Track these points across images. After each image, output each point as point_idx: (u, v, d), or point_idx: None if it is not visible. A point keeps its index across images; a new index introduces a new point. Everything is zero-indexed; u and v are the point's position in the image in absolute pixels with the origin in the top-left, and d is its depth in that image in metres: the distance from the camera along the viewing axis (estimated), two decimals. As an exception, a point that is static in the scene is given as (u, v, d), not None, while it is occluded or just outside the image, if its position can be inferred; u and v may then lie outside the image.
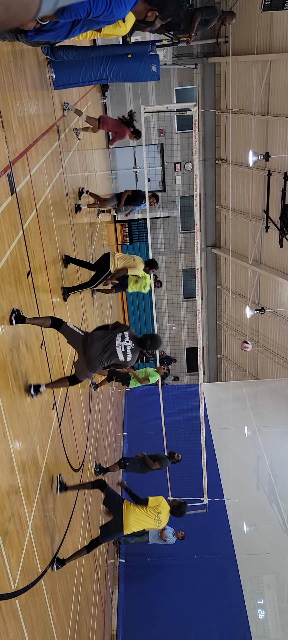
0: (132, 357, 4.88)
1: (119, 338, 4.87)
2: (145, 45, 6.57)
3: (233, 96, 16.23)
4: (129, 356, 4.85)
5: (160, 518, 6.71)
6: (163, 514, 6.71)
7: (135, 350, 4.90)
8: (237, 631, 9.51)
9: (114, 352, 4.81)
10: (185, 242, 19.65)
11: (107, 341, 4.84)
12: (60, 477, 5.46)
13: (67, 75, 6.09)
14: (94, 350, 4.75)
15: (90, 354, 4.76)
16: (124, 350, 4.83)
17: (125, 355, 4.84)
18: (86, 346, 4.78)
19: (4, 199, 3.98)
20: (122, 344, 4.84)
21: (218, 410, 15.60)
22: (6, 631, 3.48)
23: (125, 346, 4.84)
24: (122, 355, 4.83)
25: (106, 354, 4.80)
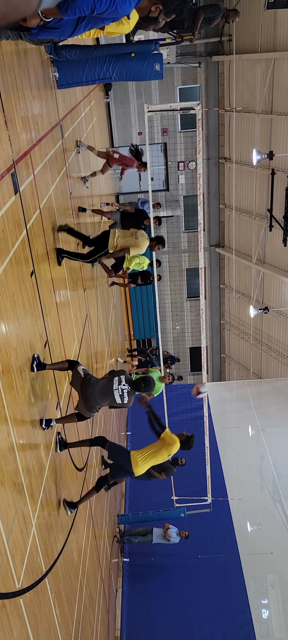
0: (128, 400, 5.18)
1: (116, 382, 5.16)
2: (149, 44, 6.56)
3: (236, 95, 16.19)
4: (125, 399, 5.16)
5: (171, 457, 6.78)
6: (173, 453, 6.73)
7: (131, 393, 5.20)
8: (241, 630, 9.50)
9: (111, 395, 5.13)
10: (188, 241, 19.63)
11: (104, 384, 5.15)
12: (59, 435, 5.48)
13: (71, 75, 6.09)
14: (90, 393, 5.09)
15: (87, 395, 5.09)
16: (121, 393, 5.14)
17: (122, 398, 5.15)
18: (83, 387, 5.12)
19: (8, 199, 3.98)
20: (119, 388, 5.15)
21: (222, 409, 15.58)
22: (10, 630, 3.49)
23: (122, 389, 5.15)
24: (119, 398, 5.14)
25: (103, 396, 5.14)
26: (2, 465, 3.53)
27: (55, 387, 5.42)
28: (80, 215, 8.25)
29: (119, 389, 5.14)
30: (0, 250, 3.77)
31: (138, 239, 7.43)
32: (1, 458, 3.51)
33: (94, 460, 8.35)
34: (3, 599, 3.40)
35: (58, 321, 5.82)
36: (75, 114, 8.18)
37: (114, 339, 13.64)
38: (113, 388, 5.13)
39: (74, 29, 3.11)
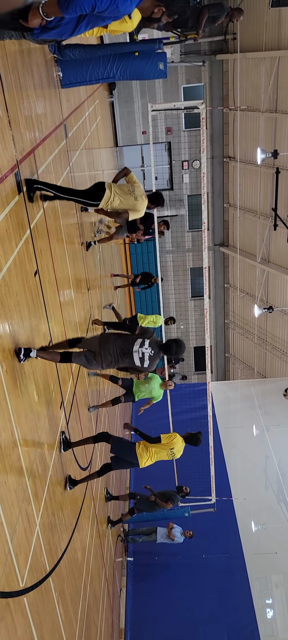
0: (150, 364, 4.83)
1: (137, 343, 4.82)
2: (153, 43, 6.54)
3: (241, 93, 16.14)
4: (146, 362, 4.81)
5: (174, 452, 6.78)
6: (176, 448, 6.77)
7: (154, 357, 4.85)
8: (245, 630, 9.48)
9: (129, 355, 4.79)
10: (192, 240, 19.60)
11: (125, 342, 4.81)
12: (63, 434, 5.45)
13: (75, 74, 6.09)
14: (110, 349, 4.75)
15: (106, 351, 4.75)
16: (141, 356, 4.80)
17: (142, 361, 4.80)
18: (102, 343, 4.78)
19: (12, 198, 3.99)
20: (139, 350, 4.80)
21: (226, 409, 15.55)
22: (14, 629, 3.50)
23: (143, 352, 4.80)
24: (138, 361, 4.80)
25: (121, 353, 4.79)
26: (6, 465, 3.54)
27: (59, 386, 5.43)
28: (83, 214, 8.26)
29: (139, 352, 4.76)
30: (4, 249, 3.77)
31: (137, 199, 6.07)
32: (5, 457, 3.52)
33: (98, 459, 8.36)
34: (7, 597, 3.40)
35: (62, 321, 5.82)
36: (79, 114, 8.19)
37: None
38: (132, 349, 4.77)
39: (74, 27, 3.12)
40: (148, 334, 4.91)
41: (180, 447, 6.86)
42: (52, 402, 5.08)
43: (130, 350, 4.77)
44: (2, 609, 3.30)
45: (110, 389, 10.96)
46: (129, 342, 4.81)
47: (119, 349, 4.77)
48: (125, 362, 4.82)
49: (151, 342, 4.85)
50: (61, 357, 4.74)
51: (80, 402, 6.85)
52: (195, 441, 6.97)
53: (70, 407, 6.06)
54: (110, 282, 12.37)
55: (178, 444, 6.81)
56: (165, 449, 6.75)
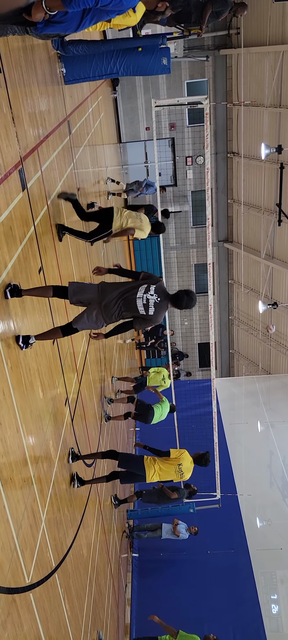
0: (155, 312, 4.29)
1: (142, 289, 4.28)
2: (156, 38, 6.53)
3: (245, 88, 16.06)
4: (151, 309, 4.26)
5: (182, 469, 6.73)
6: (184, 466, 6.72)
7: (161, 306, 4.31)
8: (251, 625, 9.48)
9: (133, 304, 4.26)
10: (196, 236, 19.56)
11: (127, 289, 4.30)
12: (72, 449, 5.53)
13: (78, 70, 6.08)
14: (112, 294, 4.25)
15: (107, 300, 4.24)
16: (145, 302, 4.25)
17: (147, 308, 4.26)
18: (104, 291, 4.29)
19: (16, 195, 3.99)
20: (143, 296, 4.26)
21: (230, 405, 15.53)
22: (21, 624, 3.51)
23: (148, 299, 4.24)
24: (142, 308, 4.26)
25: (123, 301, 4.27)
26: (12, 461, 3.55)
27: (63, 382, 5.43)
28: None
29: (143, 298, 4.23)
30: (9, 246, 3.78)
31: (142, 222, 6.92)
32: (10, 454, 3.53)
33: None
34: (13, 593, 3.42)
35: (66, 318, 5.83)
36: (83, 110, 8.17)
37: (122, 336, 13.66)
38: (136, 296, 4.24)
39: (79, 22, 3.11)
40: (154, 279, 4.42)
41: (188, 466, 6.80)
42: (57, 399, 5.09)
43: (133, 297, 4.26)
44: (9, 604, 3.31)
45: (115, 385, 10.97)
46: (132, 288, 4.32)
47: (121, 297, 4.26)
48: (128, 312, 4.33)
49: (157, 288, 4.33)
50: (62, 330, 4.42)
51: (84, 399, 6.86)
52: (204, 462, 6.97)
53: (75, 404, 6.07)
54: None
55: (187, 462, 6.76)
56: (173, 464, 6.71)
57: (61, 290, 4.33)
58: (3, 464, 3.37)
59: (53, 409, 4.87)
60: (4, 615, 3.20)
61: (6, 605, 3.26)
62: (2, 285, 3.60)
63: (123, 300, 4.26)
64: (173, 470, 6.69)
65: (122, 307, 4.29)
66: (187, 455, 6.77)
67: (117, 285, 4.34)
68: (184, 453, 6.80)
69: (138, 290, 4.29)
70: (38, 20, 2.91)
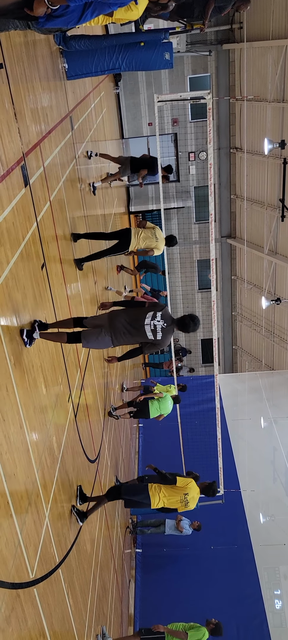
0: (163, 337, 4.59)
1: (149, 316, 4.59)
2: (158, 33, 6.50)
3: (248, 83, 15.98)
4: (158, 335, 4.56)
5: (188, 499, 6.56)
6: (190, 495, 6.55)
7: (167, 331, 4.62)
8: (254, 621, 9.49)
9: (141, 330, 4.56)
10: (199, 232, 19.51)
11: (136, 316, 4.61)
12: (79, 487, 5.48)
13: (80, 65, 6.07)
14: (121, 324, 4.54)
15: (117, 326, 4.54)
16: (152, 328, 4.56)
17: (155, 333, 4.56)
18: (112, 319, 4.58)
19: (18, 191, 3.98)
20: (151, 323, 4.56)
21: (233, 401, 15.52)
22: (25, 619, 3.53)
23: (155, 325, 4.55)
24: (150, 334, 4.56)
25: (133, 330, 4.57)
26: (15, 457, 3.55)
27: (66, 379, 5.44)
28: (90, 207, 8.23)
29: (151, 324, 4.53)
30: (11, 243, 3.77)
31: (158, 240, 7.56)
32: (14, 450, 3.54)
33: (106, 451, 8.39)
34: (17, 588, 3.43)
35: (69, 314, 5.83)
36: (85, 106, 8.15)
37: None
38: (144, 323, 4.54)
39: (80, 15, 3.09)
40: (160, 306, 4.69)
41: (195, 496, 6.59)
42: (60, 395, 5.09)
43: (141, 324, 4.55)
44: (13, 599, 3.32)
45: (118, 379, 10.98)
46: (139, 315, 4.59)
47: (130, 323, 4.54)
48: (137, 337, 4.60)
49: (163, 314, 4.63)
50: (68, 337, 4.53)
51: (87, 395, 6.87)
52: (212, 492, 6.81)
53: (78, 400, 6.08)
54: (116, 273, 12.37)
55: (193, 492, 6.55)
56: (179, 492, 6.49)
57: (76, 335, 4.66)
58: (6, 460, 3.38)
59: (56, 405, 4.88)
60: (8, 610, 3.21)
61: (10, 600, 3.28)
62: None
63: (132, 327, 4.53)
64: (179, 499, 6.50)
65: (132, 333, 4.56)
66: (193, 485, 6.59)
67: (126, 312, 4.65)
68: (191, 483, 6.62)
69: (146, 317, 4.57)
70: (40, 14, 2.90)
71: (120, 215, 14.32)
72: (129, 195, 18.55)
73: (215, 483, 6.94)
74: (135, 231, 7.30)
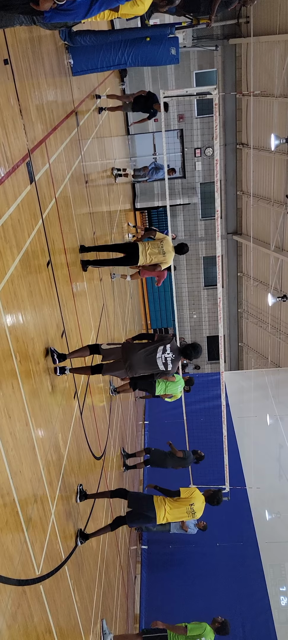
0: (172, 367, 5.30)
1: (160, 350, 5.25)
2: (164, 28, 6.46)
3: (254, 78, 15.87)
4: (169, 366, 5.27)
5: (194, 509, 6.49)
6: (196, 505, 6.48)
7: (176, 360, 5.33)
8: (260, 617, 9.48)
9: (154, 363, 5.23)
10: (205, 229, 19.44)
11: (149, 351, 5.25)
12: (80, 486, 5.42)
13: (86, 61, 6.04)
14: (136, 359, 5.16)
15: (132, 361, 5.15)
16: (164, 361, 5.24)
17: (166, 365, 5.27)
18: (127, 353, 5.17)
19: (23, 188, 3.98)
20: (162, 356, 5.24)
21: (239, 398, 15.47)
22: (31, 615, 3.53)
23: (166, 358, 5.25)
24: (162, 366, 5.25)
25: (147, 364, 5.22)
26: (21, 454, 3.56)
27: (72, 376, 5.43)
28: (96, 204, 8.21)
29: (162, 357, 5.22)
30: (17, 240, 3.77)
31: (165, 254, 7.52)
32: (19, 447, 3.54)
33: (112, 449, 8.39)
34: (23, 585, 3.44)
35: (75, 311, 5.82)
36: (90, 101, 8.13)
37: (130, 329, 13.66)
38: (156, 357, 5.21)
39: (87, 9, 3.06)
40: (168, 339, 5.34)
41: (200, 506, 6.52)
42: (66, 392, 5.09)
43: (154, 358, 5.21)
44: (19, 596, 3.33)
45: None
46: (151, 350, 5.25)
47: (144, 359, 5.20)
48: (150, 369, 5.29)
49: (171, 346, 5.29)
50: (92, 370, 5.32)
51: (93, 392, 6.87)
52: (217, 502, 6.66)
53: (84, 397, 6.08)
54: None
55: (199, 501, 6.49)
56: (184, 504, 6.45)
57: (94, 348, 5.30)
58: (12, 457, 3.38)
59: (62, 403, 4.88)
60: (14, 606, 3.22)
61: (17, 596, 3.28)
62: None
63: (146, 363, 5.20)
64: (185, 510, 6.47)
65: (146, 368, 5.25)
66: (198, 494, 6.54)
67: (139, 347, 5.24)
68: (195, 492, 6.58)
69: (157, 352, 5.25)
70: (46, 9, 2.87)
71: (125, 212, 14.30)
72: (134, 192, 18.51)
73: (220, 492, 6.81)
74: (142, 248, 7.32)
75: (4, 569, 3.10)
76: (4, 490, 3.21)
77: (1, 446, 3.21)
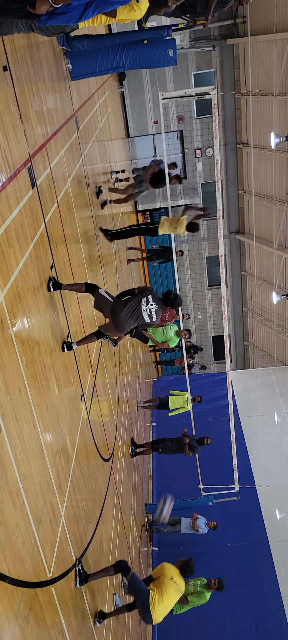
0: (156, 317, 5.43)
1: (143, 302, 5.36)
2: (161, 30, 6.48)
3: (253, 77, 15.87)
4: (153, 317, 5.40)
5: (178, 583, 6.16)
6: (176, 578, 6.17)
7: (159, 310, 5.45)
8: (273, 617, 9.43)
9: (140, 316, 5.34)
10: (208, 229, 19.42)
11: (133, 306, 5.33)
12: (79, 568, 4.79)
13: (84, 65, 6.08)
14: (122, 316, 5.26)
15: (119, 319, 5.25)
16: (149, 313, 5.37)
17: (151, 317, 5.39)
18: (115, 312, 5.26)
19: (25, 193, 4.00)
20: (147, 308, 5.37)
21: (246, 397, 15.43)
22: (43, 618, 3.54)
23: (150, 309, 5.38)
24: (147, 317, 5.37)
25: (133, 318, 5.32)
26: (29, 457, 3.57)
27: (78, 378, 5.45)
28: (97, 207, 8.25)
29: (147, 309, 5.38)
30: (20, 244, 3.79)
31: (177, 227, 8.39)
32: (28, 450, 3.55)
33: (120, 451, 8.39)
34: (35, 587, 3.44)
35: (79, 314, 5.84)
36: (90, 105, 8.17)
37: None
38: (141, 309, 5.35)
39: (82, 13, 3.08)
40: (148, 291, 5.47)
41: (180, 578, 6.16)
42: (73, 395, 5.10)
43: (139, 311, 5.33)
44: (31, 599, 3.33)
45: (130, 379, 10.98)
46: (135, 304, 5.35)
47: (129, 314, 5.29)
48: (136, 322, 5.38)
49: (153, 297, 5.44)
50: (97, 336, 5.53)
51: (100, 395, 6.88)
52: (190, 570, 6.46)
53: (91, 400, 6.09)
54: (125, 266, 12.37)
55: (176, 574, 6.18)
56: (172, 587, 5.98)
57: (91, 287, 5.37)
58: (21, 460, 3.39)
59: (69, 405, 4.89)
60: (26, 609, 3.22)
61: (28, 599, 3.29)
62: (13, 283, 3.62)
63: (131, 317, 5.30)
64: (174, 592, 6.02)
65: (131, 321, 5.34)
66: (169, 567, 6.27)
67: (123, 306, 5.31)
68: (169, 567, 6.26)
69: (141, 304, 5.35)
70: (42, 12, 2.90)
71: (127, 214, 14.32)
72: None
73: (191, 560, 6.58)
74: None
75: (15, 571, 3.10)
76: (14, 493, 3.22)
77: (10, 449, 3.22)
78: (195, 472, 10.92)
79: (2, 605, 2.89)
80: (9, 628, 2.95)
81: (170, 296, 5.54)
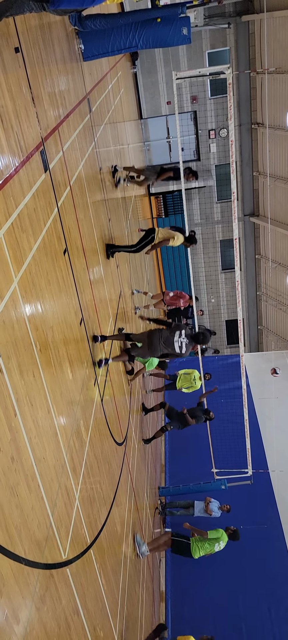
0: (186, 350, 6.19)
1: (177, 334, 6.16)
2: (175, 8, 6.33)
3: (269, 55, 15.50)
4: (183, 349, 6.15)
5: None
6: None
7: (189, 345, 6.20)
8: (285, 599, 9.47)
9: (171, 345, 6.13)
10: (221, 212, 19.23)
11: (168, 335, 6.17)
12: None
13: (96, 46, 5.98)
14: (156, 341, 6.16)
15: (154, 343, 6.14)
16: (180, 345, 6.11)
17: (181, 349, 6.14)
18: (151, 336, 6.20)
19: (38, 177, 3.97)
20: (179, 340, 6.13)
21: (260, 380, 15.32)
22: (59, 598, 3.59)
23: (181, 342, 6.14)
24: (178, 349, 6.13)
25: (165, 346, 6.12)
26: (44, 441, 3.60)
27: (92, 363, 5.46)
28: (110, 191, 8.19)
29: (179, 341, 6.11)
30: (33, 229, 3.78)
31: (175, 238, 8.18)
32: (42, 434, 3.57)
33: (133, 434, 8.44)
34: (51, 569, 3.49)
35: (92, 298, 5.84)
36: (102, 87, 8.07)
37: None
38: (174, 340, 6.11)
39: None
40: (182, 326, 6.26)
41: None
42: (86, 379, 5.12)
43: (172, 341, 6.12)
44: (47, 579, 3.38)
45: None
46: (170, 335, 6.16)
47: (164, 342, 6.14)
48: (167, 350, 6.15)
49: (186, 333, 6.21)
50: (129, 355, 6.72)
51: (113, 379, 6.90)
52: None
53: (104, 384, 6.11)
54: (138, 261, 12.32)
55: None
56: None
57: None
58: (36, 444, 3.42)
59: (82, 389, 4.91)
60: (42, 589, 3.27)
61: (44, 580, 3.34)
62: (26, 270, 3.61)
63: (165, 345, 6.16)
64: None
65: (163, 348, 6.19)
66: None
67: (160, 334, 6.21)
68: None
69: (175, 335, 6.17)
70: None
71: (140, 197, 14.22)
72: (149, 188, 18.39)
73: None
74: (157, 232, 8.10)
75: (31, 553, 3.15)
76: (29, 476, 3.25)
77: (25, 434, 3.25)
78: (208, 456, 10.93)
79: (19, 585, 2.94)
80: (26, 608, 3.00)
81: (200, 336, 6.42)
